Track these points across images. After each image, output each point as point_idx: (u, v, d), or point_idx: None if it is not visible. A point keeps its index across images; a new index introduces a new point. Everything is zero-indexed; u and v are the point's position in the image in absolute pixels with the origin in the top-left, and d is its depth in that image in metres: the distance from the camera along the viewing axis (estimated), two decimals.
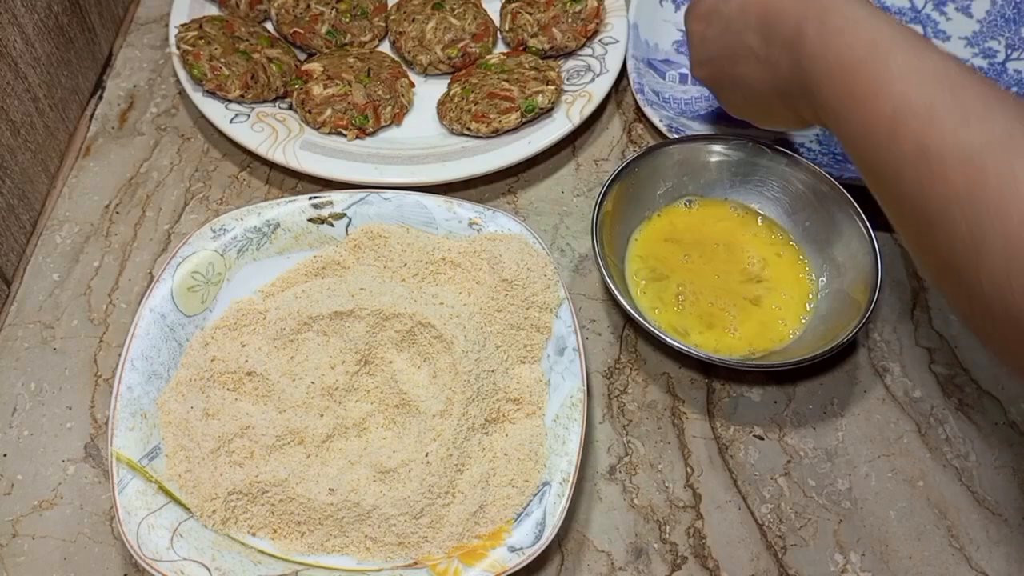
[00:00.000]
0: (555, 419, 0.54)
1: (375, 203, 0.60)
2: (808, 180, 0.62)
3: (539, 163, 0.70)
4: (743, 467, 0.56)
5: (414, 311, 0.55)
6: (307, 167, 0.65)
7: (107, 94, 0.73)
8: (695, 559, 0.53)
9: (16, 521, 0.53)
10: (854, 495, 0.55)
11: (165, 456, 0.52)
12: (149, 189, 0.68)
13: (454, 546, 0.50)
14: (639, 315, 0.56)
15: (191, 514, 0.51)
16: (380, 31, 0.75)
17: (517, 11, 0.74)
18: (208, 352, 0.55)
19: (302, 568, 0.50)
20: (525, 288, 0.57)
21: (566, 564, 0.53)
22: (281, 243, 0.60)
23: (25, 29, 0.62)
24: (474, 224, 0.59)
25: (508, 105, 0.67)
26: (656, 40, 0.76)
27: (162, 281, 0.56)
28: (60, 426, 0.57)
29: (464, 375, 0.53)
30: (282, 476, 0.51)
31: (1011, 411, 0.59)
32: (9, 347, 0.60)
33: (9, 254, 0.62)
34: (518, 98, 0.67)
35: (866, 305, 0.56)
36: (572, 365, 0.55)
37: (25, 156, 0.63)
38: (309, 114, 0.68)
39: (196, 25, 0.70)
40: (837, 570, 0.53)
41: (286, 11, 0.73)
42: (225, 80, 0.67)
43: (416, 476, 0.51)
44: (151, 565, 0.47)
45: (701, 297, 0.60)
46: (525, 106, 0.67)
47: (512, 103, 0.67)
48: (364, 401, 0.55)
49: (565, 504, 0.50)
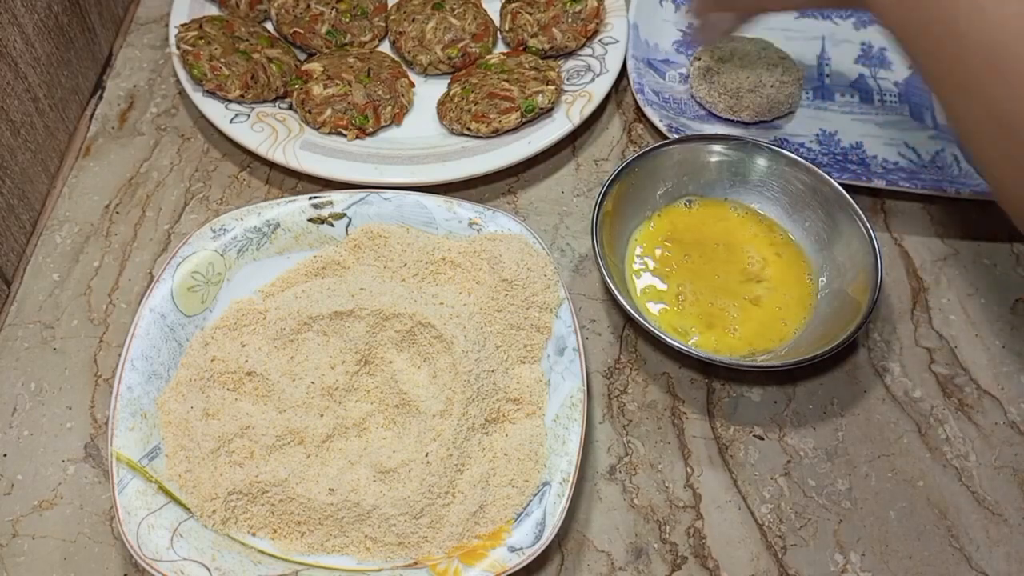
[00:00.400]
0: (555, 419, 0.54)
1: (375, 203, 0.60)
2: (808, 180, 0.62)
3: (539, 163, 0.70)
4: (743, 467, 0.56)
5: (414, 311, 0.55)
6: (307, 167, 0.65)
7: (107, 94, 0.73)
8: (695, 559, 0.53)
9: (16, 521, 0.53)
10: (854, 495, 0.55)
11: (165, 456, 0.52)
12: (149, 189, 0.68)
13: (454, 546, 0.50)
14: (639, 315, 0.56)
15: (191, 514, 0.51)
16: (380, 31, 0.75)
17: (517, 11, 0.74)
18: (208, 352, 0.55)
19: (302, 568, 0.50)
20: (525, 288, 0.57)
21: (566, 564, 0.53)
22: (281, 243, 0.60)
23: (25, 29, 0.62)
24: (474, 224, 0.59)
25: (508, 105, 0.67)
26: (656, 40, 0.76)
27: (162, 281, 0.56)
28: (60, 426, 0.57)
29: (464, 375, 0.53)
30: (282, 476, 0.51)
31: (1011, 411, 0.59)
32: (9, 347, 0.60)
33: (9, 254, 0.62)
34: (518, 98, 0.67)
35: (866, 305, 0.56)
36: (572, 365, 0.55)
37: (25, 156, 0.63)
38: (309, 114, 0.68)
39: (196, 25, 0.70)
40: (837, 570, 0.53)
41: (286, 11, 0.73)
42: (225, 80, 0.67)
43: (416, 476, 0.51)
44: (151, 565, 0.47)
45: (701, 297, 0.60)
46: (525, 106, 0.67)
47: (512, 103, 0.67)
48: (364, 401, 0.55)
49: (565, 504, 0.50)
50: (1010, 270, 0.65)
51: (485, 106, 0.67)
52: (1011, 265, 0.65)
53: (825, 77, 0.75)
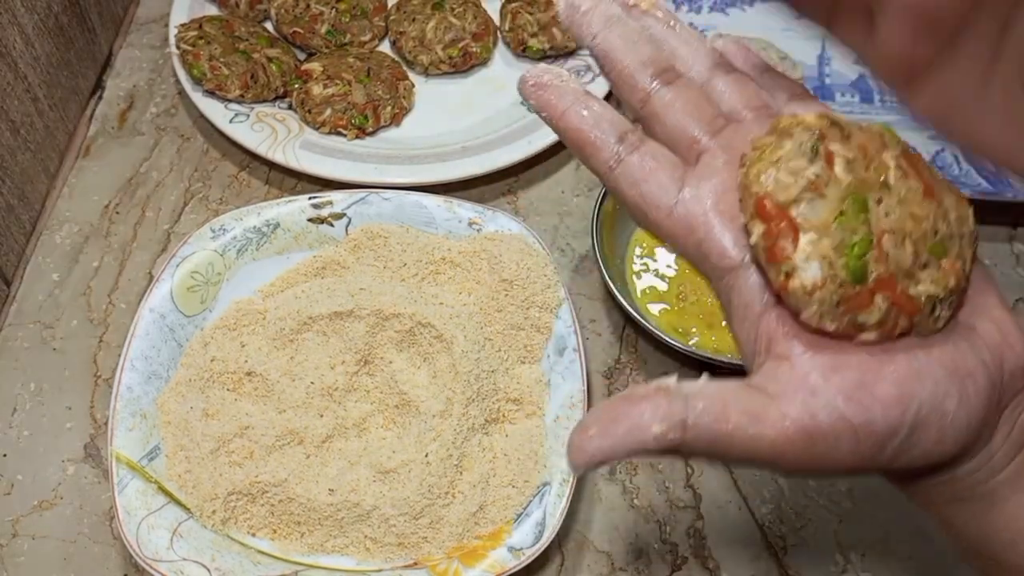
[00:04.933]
0: (555, 419, 0.54)
1: (375, 203, 0.60)
2: None
3: (539, 163, 0.70)
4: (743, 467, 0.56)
5: (414, 311, 0.55)
6: (307, 167, 0.65)
7: (107, 94, 0.73)
8: (695, 559, 0.53)
9: (16, 521, 0.53)
10: (854, 495, 0.55)
11: (165, 456, 0.52)
12: (149, 189, 0.68)
13: (454, 547, 0.50)
14: (639, 315, 0.56)
15: (191, 514, 0.51)
16: (380, 31, 0.75)
17: (517, 11, 0.74)
18: (208, 352, 0.55)
19: (302, 568, 0.50)
20: (525, 288, 0.56)
21: (566, 565, 0.53)
22: (281, 243, 0.60)
23: (25, 29, 0.62)
24: (474, 224, 0.59)
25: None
26: None
27: (162, 281, 0.56)
28: (60, 426, 0.57)
29: (464, 375, 0.53)
30: (282, 476, 0.51)
31: None
32: (9, 347, 0.60)
33: (9, 254, 0.62)
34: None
35: None
36: (572, 365, 0.55)
37: (25, 156, 0.63)
38: (309, 114, 0.68)
39: (196, 25, 0.70)
40: (837, 570, 0.53)
41: (286, 11, 0.73)
42: (225, 80, 0.67)
43: (416, 476, 0.51)
44: (151, 565, 0.47)
45: (701, 297, 0.60)
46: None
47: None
48: (364, 401, 0.55)
49: (565, 504, 0.50)
50: (1010, 270, 0.65)
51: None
52: (1011, 265, 0.65)
53: (825, 77, 0.75)
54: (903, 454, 0.30)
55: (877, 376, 0.30)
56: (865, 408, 0.29)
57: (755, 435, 0.29)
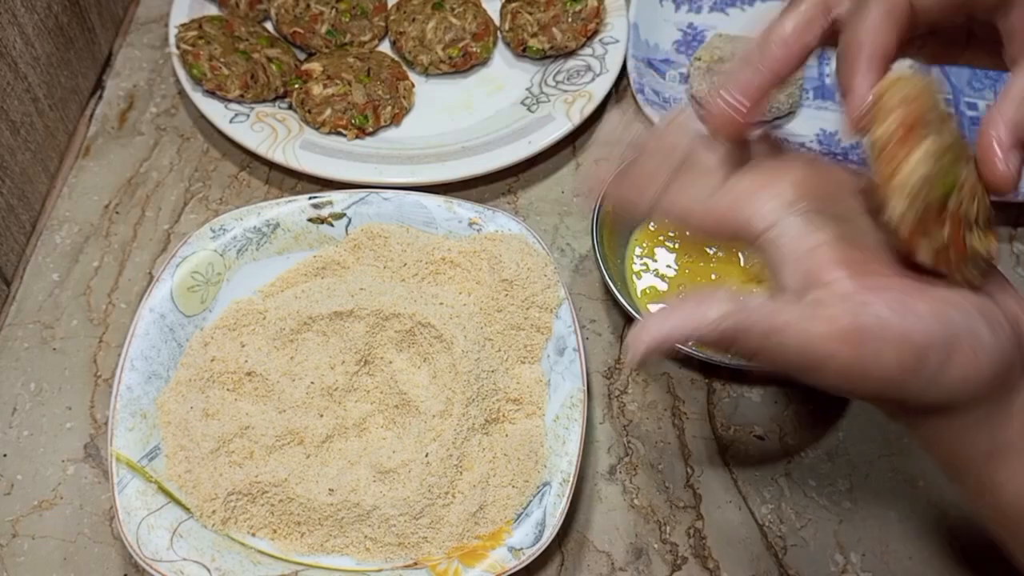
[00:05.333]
0: (555, 419, 0.54)
1: (375, 203, 0.60)
2: None
3: (539, 163, 0.70)
4: (743, 467, 0.56)
5: (414, 311, 0.55)
6: (307, 167, 0.65)
7: (107, 94, 0.73)
8: (695, 559, 0.53)
9: (16, 521, 0.53)
10: (854, 495, 0.55)
11: (165, 456, 0.52)
12: (149, 189, 0.68)
13: (454, 546, 0.50)
14: (639, 315, 0.56)
15: (191, 514, 0.51)
16: (380, 31, 0.75)
17: (517, 11, 0.74)
18: (208, 352, 0.55)
19: (302, 568, 0.50)
20: (525, 288, 0.57)
21: (566, 565, 0.53)
22: (281, 243, 0.60)
23: (25, 29, 0.62)
24: (474, 224, 0.59)
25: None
26: (656, 40, 0.76)
27: (162, 281, 0.56)
28: (60, 426, 0.57)
29: (464, 375, 0.53)
30: (282, 476, 0.51)
31: None
32: (9, 347, 0.60)
33: (9, 254, 0.62)
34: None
35: None
36: (572, 365, 0.55)
37: (25, 156, 0.63)
38: (309, 114, 0.68)
39: (196, 25, 0.70)
40: (837, 570, 0.53)
41: (286, 11, 0.73)
42: (225, 80, 0.67)
43: (416, 476, 0.51)
44: (151, 565, 0.47)
45: None
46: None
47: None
48: (364, 401, 0.55)
49: (565, 504, 0.50)
50: (1010, 270, 0.65)
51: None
52: (1011, 265, 0.65)
53: (825, 77, 0.75)
54: (942, 374, 0.34)
55: (917, 298, 0.34)
56: (906, 317, 0.33)
57: (807, 329, 0.33)
